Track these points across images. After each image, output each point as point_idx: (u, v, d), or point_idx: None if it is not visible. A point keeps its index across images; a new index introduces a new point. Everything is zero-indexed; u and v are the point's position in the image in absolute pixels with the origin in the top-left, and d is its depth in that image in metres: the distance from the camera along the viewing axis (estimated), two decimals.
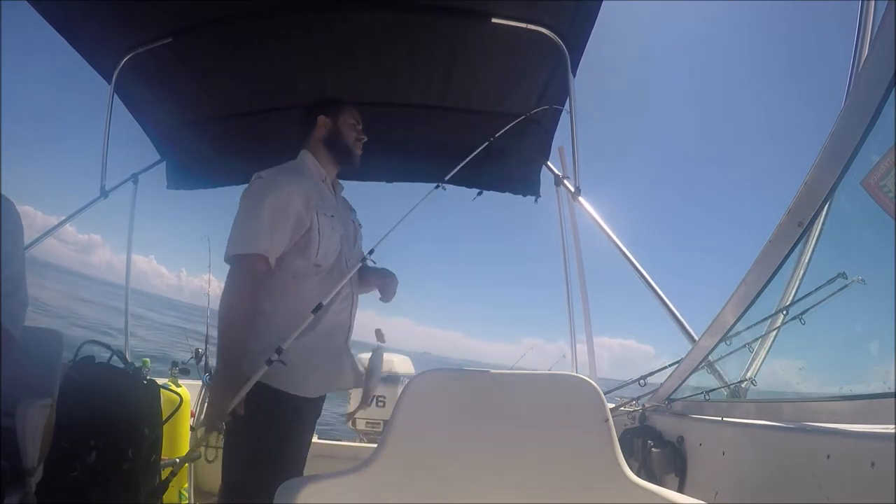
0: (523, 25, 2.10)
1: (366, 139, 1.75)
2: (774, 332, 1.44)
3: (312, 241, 1.52)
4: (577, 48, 2.24)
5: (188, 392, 2.76)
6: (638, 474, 1.07)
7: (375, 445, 1.04)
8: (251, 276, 1.44)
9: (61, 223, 2.80)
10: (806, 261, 1.36)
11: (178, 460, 2.61)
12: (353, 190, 1.92)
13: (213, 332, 3.17)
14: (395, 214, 1.71)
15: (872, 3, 1.36)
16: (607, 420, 1.07)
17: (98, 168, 2.69)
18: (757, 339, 1.46)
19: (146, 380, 2.00)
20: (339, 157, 1.71)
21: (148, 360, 2.59)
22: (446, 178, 1.90)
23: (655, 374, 1.88)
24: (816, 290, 1.26)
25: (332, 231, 1.57)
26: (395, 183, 2.79)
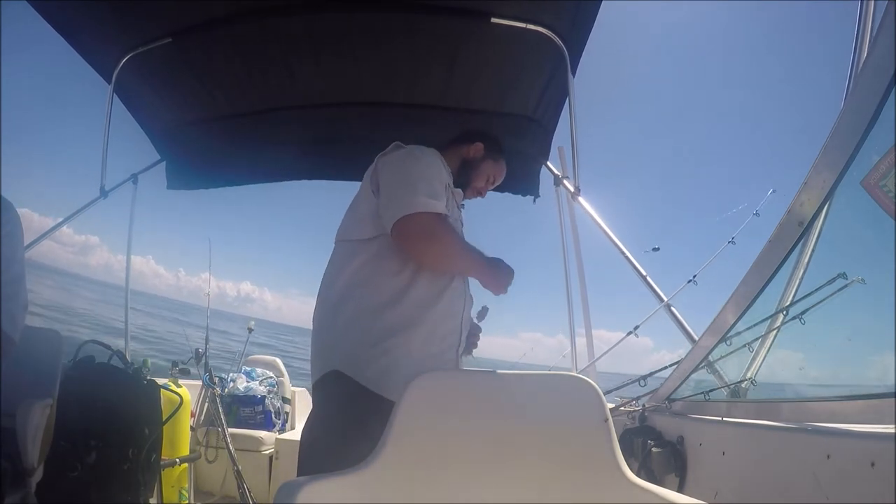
0: (523, 25, 2.11)
1: (483, 196, 1.73)
2: (774, 332, 1.44)
3: None
4: (577, 48, 2.24)
5: (188, 392, 2.77)
6: (638, 474, 1.07)
7: None
8: (439, 218, 1.33)
9: (61, 223, 2.80)
10: (806, 261, 1.36)
11: (178, 460, 2.62)
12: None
13: (213, 333, 3.20)
14: None
15: (872, 3, 1.36)
16: (607, 420, 1.07)
17: (98, 168, 2.69)
18: (757, 339, 1.46)
19: (146, 380, 2.01)
20: (456, 183, 1.60)
21: (148, 360, 2.59)
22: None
23: (655, 375, 1.89)
24: (816, 290, 1.26)
25: (455, 222, 1.48)
26: None
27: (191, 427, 2.96)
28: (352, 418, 1.26)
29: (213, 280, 3.50)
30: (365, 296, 1.35)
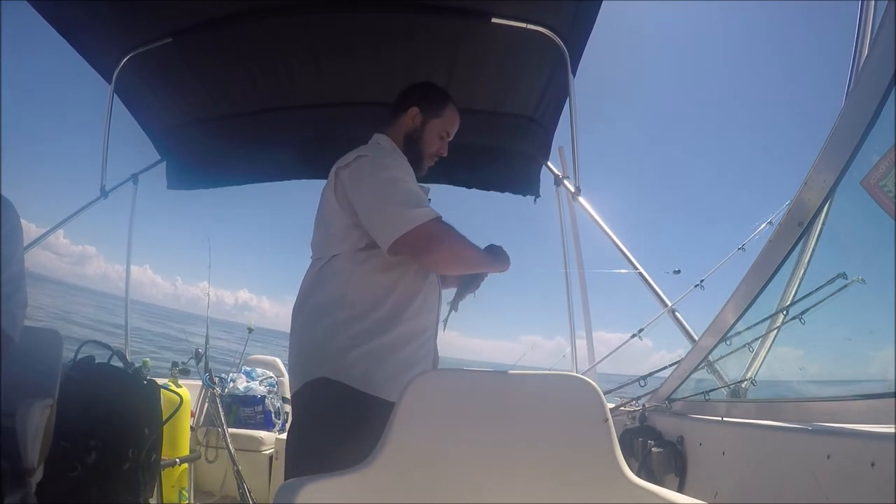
0: (523, 25, 2.11)
1: (445, 155, 1.57)
2: (774, 332, 1.44)
3: None
4: (577, 48, 2.24)
5: (188, 392, 2.77)
6: (638, 474, 1.07)
7: None
8: (435, 224, 1.29)
9: (61, 223, 2.80)
10: (806, 261, 1.36)
11: (178, 460, 2.62)
12: None
13: (213, 332, 3.21)
14: None
15: (872, 3, 1.36)
16: (607, 420, 1.07)
17: (98, 168, 2.69)
18: (757, 339, 1.46)
19: (146, 380, 2.00)
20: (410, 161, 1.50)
21: (148, 360, 2.60)
22: (446, 179, 1.90)
23: (655, 374, 1.89)
24: (816, 290, 1.26)
25: None
26: None
27: (191, 427, 2.97)
28: (345, 419, 1.26)
29: (211, 289, 3.50)
30: (345, 304, 1.34)
